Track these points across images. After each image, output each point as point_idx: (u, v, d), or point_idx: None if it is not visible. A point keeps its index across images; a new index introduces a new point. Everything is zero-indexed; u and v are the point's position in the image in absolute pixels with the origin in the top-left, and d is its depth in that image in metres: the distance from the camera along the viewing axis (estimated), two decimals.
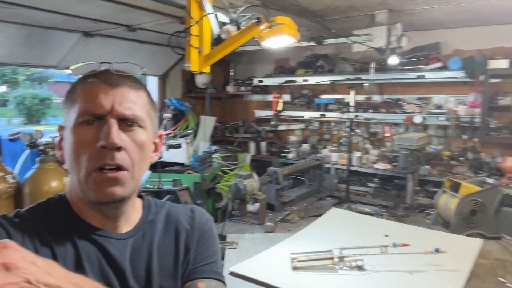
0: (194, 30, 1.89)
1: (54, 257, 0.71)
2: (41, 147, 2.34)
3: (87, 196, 0.75)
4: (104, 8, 2.57)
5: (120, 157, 0.74)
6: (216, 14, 1.87)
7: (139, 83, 0.81)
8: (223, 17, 1.90)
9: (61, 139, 0.80)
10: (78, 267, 0.73)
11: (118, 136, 0.73)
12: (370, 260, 1.83)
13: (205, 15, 1.86)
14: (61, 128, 0.81)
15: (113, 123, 0.73)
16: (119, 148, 0.73)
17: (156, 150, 0.86)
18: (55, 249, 0.73)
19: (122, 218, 0.82)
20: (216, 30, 1.90)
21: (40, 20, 2.94)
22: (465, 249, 2.05)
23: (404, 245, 1.81)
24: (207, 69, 2.04)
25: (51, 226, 0.75)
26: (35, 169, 2.27)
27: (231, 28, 1.86)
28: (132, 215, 0.85)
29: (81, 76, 0.79)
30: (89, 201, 0.76)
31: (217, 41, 1.93)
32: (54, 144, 2.48)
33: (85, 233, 0.77)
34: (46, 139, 2.45)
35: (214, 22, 1.88)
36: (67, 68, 3.89)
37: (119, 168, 0.74)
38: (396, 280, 1.74)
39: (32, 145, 2.39)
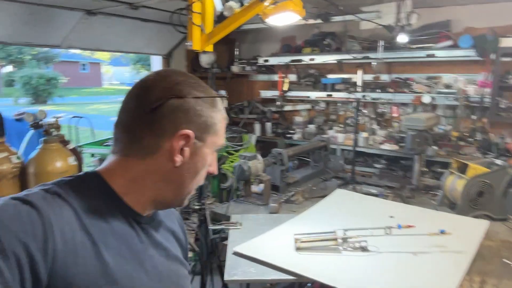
0: (196, 7, 1.84)
1: (93, 242, 0.70)
2: (45, 128, 2.34)
3: (174, 200, 0.84)
4: None
5: None
6: None
7: None
8: None
9: (187, 147, 0.80)
10: (118, 254, 0.74)
11: None
12: (374, 241, 1.82)
13: None
14: (190, 136, 0.79)
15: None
16: None
17: None
18: (93, 233, 0.71)
19: None
20: (219, 7, 1.84)
21: None
22: (471, 230, 2.03)
23: (409, 226, 1.80)
24: (210, 48, 1.99)
25: (87, 205, 0.73)
26: (39, 150, 2.27)
27: (234, 4, 1.81)
28: None
29: (217, 107, 0.84)
30: (170, 206, 0.88)
31: (219, 18, 1.88)
32: (57, 124, 2.47)
33: (124, 215, 0.78)
34: (50, 119, 2.44)
35: None
36: (70, 47, 3.86)
37: None
38: (400, 261, 1.73)
39: (36, 125, 2.38)
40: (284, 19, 1.88)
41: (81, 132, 4.05)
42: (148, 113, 0.76)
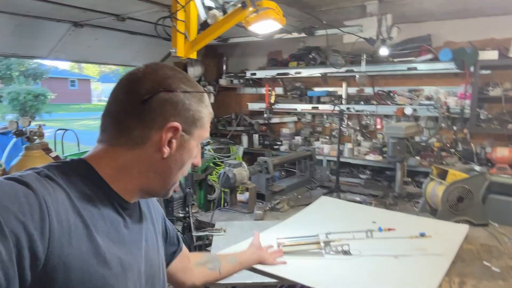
0: (180, 15, 1.88)
1: (85, 223, 0.72)
2: (27, 135, 2.33)
3: (160, 190, 0.87)
4: None
5: None
6: None
7: None
8: (209, 2, 1.90)
9: (174, 140, 0.82)
10: (107, 237, 0.76)
11: None
12: (356, 245, 1.84)
13: (191, 0, 1.85)
14: (179, 129, 0.82)
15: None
16: None
17: None
18: (85, 215, 0.73)
19: None
20: (202, 15, 1.89)
21: (28, 8, 2.91)
22: (451, 234, 2.07)
23: (390, 229, 1.82)
24: (194, 55, 2.03)
25: (76, 189, 0.75)
26: (21, 156, 2.25)
27: (218, 13, 1.85)
28: None
29: (204, 103, 0.88)
30: (155, 195, 0.90)
31: (203, 26, 1.92)
32: (41, 132, 2.46)
33: (110, 200, 0.80)
34: (33, 127, 2.43)
35: (200, 7, 1.87)
36: (57, 58, 3.87)
37: None
38: (382, 264, 1.75)
39: (19, 133, 2.37)
40: (266, 27, 1.93)
41: (67, 148, 4.02)
42: (139, 105, 0.78)
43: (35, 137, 2.33)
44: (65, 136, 3.84)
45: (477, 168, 2.44)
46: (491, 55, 3.58)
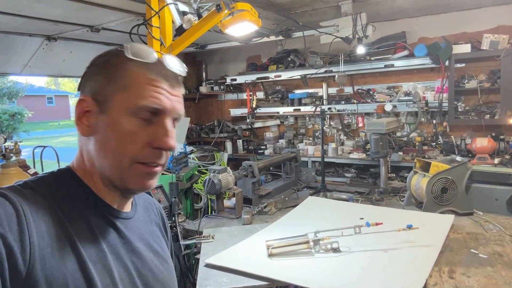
0: (155, 21, 1.86)
1: (68, 234, 0.68)
2: (2, 152, 2.25)
3: (124, 182, 0.74)
4: (64, 7, 2.50)
5: (166, 156, 0.76)
6: (177, 3, 1.85)
7: (181, 80, 0.81)
8: (183, 7, 1.88)
9: (87, 111, 0.73)
10: (96, 248, 0.72)
11: (174, 140, 0.75)
12: (345, 242, 1.84)
13: (165, 5, 1.83)
14: (88, 99, 0.73)
15: (171, 126, 0.75)
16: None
17: None
18: (70, 226, 0.69)
19: (131, 199, 0.86)
20: (177, 20, 1.87)
21: None
22: (437, 225, 2.09)
23: (377, 224, 1.83)
24: None
25: (62, 200, 0.71)
26: None
27: (192, 17, 1.84)
28: None
29: (137, 59, 0.73)
30: (122, 186, 0.76)
31: (179, 31, 1.90)
32: (18, 149, 2.39)
33: (99, 210, 0.76)
34: (9, 144, 2.36)
35: (174, 12, 1.85)
36: (32, 74, 3.79)
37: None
38: (372, 258, 1.75)
39: None
40: (242, 29, 1.93)
41: (47, 166, 3.91)
42: None
43: (12, 154, 2.26)
44: (44, 153, 3.74)
45: (459, 158, 2.48)
46: (464, 48, 3.68)
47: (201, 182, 4.07)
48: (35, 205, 0.67)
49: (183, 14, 1.87)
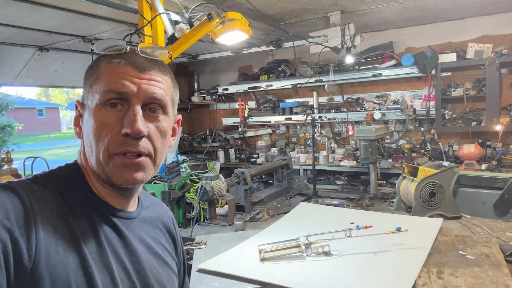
0: (147, 30, 1.90)
1: (72, 232, 0.69)
2: None
3: (108, 176, 0.74)
4: (57, 17, 2.53)
5: (143, 145, 0.74)
6: (169, 13, 1.89)
7: (165, 67, 0.80)
8: (175, 16, 1.92)
9: (79, 116, 0.78)
10: (98, 246, 0.73)
11: (143, 124, 0.72)
12: (336, 245, 1.86)
13: (158, 15, 1.87)
14: (80, 105, 0.78)
15: (138, 109, 0.73)
16: (142, 136, 0.73)
17: (173, 134, 0.86)
18: (73, 224, 0.70)
19: (134, 197, 0.84)
20: (169, 29, 1.91)
21: None
22: (426, 228, 2.12)
23: (367, 227, 1.86)
24: None
25: (68, 197, 0.72)
26: None
27: (184, 26, 1.88)
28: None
29: (105, 53, 0.75)
30: (108, 181, 0.75)
31: (171, 40, 1.94)
32: (9, 158, 2.39)
33: (101, 210, 0.77)
34: (0, 153, 2.36)
35: (167, 21, 1.89)
36: (24, 84, 3.79)
37: (140, 154, 0.74)
38: (362, 261, 1.77)
39: None
40: (233, 37, 1.97)
41: None
42: None
43: (3, 163, 2.26)
44: (34, 165, 3.71)
45: (446, 163, 2.53)
46: (450, 57, 3.78)
47: (193, 191, 4.08)
48: (43, 201, 0.68)
49: (175, 23, 1.91)
